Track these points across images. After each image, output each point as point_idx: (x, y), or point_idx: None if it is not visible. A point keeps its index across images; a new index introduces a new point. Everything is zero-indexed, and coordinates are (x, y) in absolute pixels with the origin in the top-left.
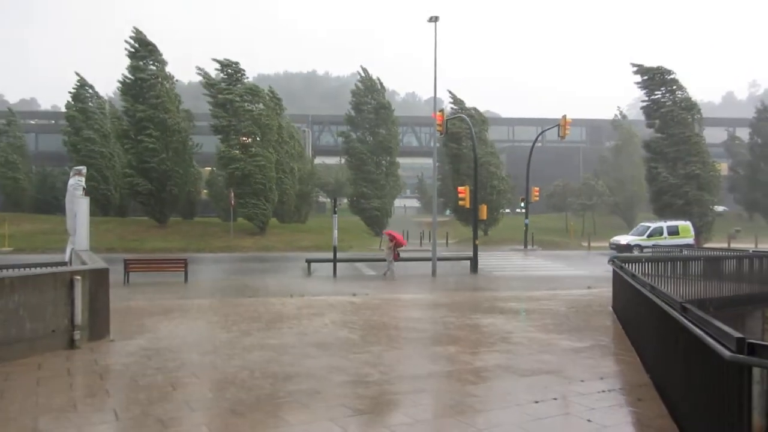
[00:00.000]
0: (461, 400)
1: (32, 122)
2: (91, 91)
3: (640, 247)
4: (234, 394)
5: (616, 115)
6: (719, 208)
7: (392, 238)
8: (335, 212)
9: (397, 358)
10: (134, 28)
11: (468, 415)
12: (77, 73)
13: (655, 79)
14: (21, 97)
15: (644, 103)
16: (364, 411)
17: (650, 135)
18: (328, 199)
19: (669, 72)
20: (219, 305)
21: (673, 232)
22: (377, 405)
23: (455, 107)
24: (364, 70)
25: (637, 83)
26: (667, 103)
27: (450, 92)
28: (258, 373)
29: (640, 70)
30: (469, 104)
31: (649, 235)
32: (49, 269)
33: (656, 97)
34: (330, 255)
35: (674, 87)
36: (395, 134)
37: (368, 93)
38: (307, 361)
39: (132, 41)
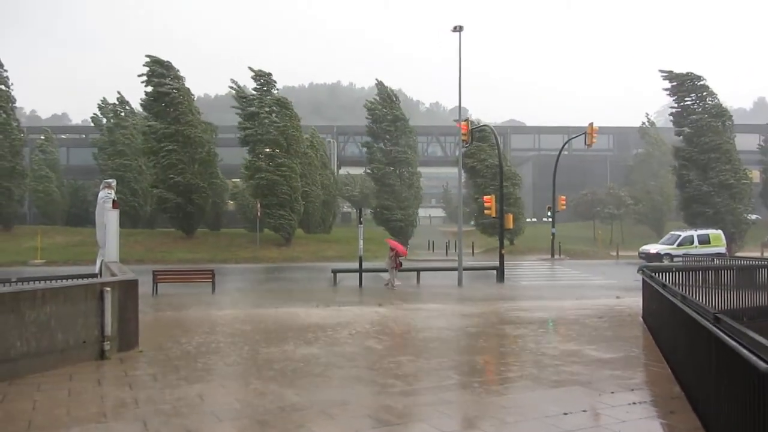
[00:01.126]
0: (488, 411)
1: (63, 137)
2: (121, 108)
3: (671, 257)
4: (261, 405)
5: (644, 123)
6: (752, 216)
7: (393, 248)
8: (360, 223)
9: (423, 368)
10: (147, 55)
11: (495, 426)
12: (119, 92)
13: (684, 85)
14: (53, 113)
15: (673, 110)
16: (389, 422)
17: (679, 142)
18: (353, 210)
19: (699, 78)
20: (245, 316)
21: (704, 241)
22: (403, 416)
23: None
24: (380, 83)
25: (666, 89)
26: (697, 110)
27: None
28: (284, 383)
29: (670, 76)
30: (494, 112)
31: (680, 244)
32: (80, 281)
33: (686, 103)
34: (355, 265)
35: (704, 93)
36: (414, 145)
37: (385, 105)
38: (332, 371)
39: (147, 67)
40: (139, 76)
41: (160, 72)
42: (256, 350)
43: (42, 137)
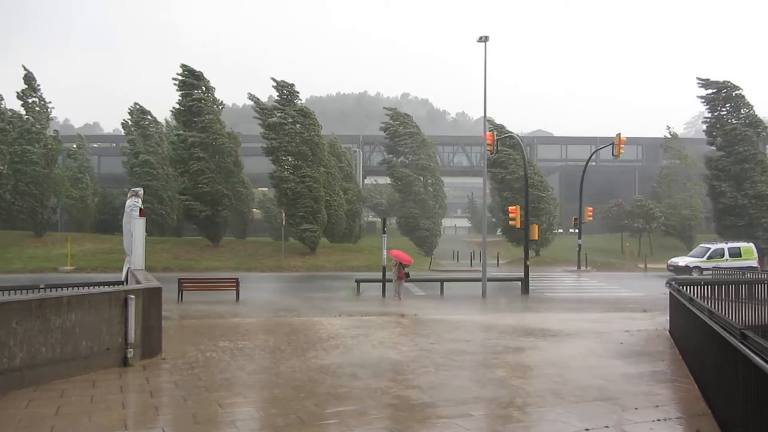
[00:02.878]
0: (508, 425)
1: (95, 145)
2: (149, 117)
3: (700, 269)
4: (280, 414)
5: (666, 136)
6: None
7: (396, 258)
8: (384, 232)
9: (444, 380)
10: (182, 65)
11: None
12: (137, 103)
13: (720, 94)
14: (85, 122)
15: (707, 120)
16: None
17: (711, 153)
18: (379, 219)
19: (735, 87)
20: (268, 324)
21: (735, 254)
22: (422, 428)
23: (496, 133)
24: (391, 109)
25: (701, 98)
26: (731, 120)
27: (489, 120)
28: (304, 393)
29: (706, 83)
30: (521, 122)
31: (710, 257)
32: (105, 289)
33: (720, 113)
34: (379, 275)
35: (740, 104)
36: (433, 155)
37: (401, 124)
38: (353, 381)
39: (180, 76)
40: (175, 85)
41: (191, 82)
42: (277, 359)
43: (74, 145)
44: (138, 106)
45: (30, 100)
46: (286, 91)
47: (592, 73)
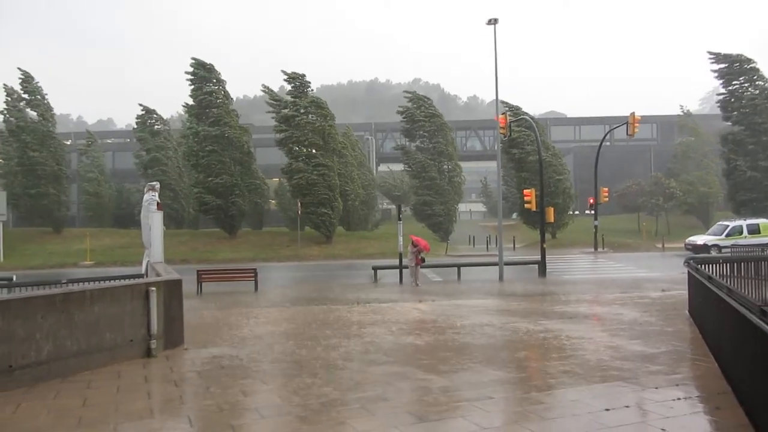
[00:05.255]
0: (529, 407)
1: (109, 141)
2: (155, 115)
3: (718, 248)
4: (302, 401)
5: (680, 114)
6: None
7: (415, 244)
8: (400, 219)
9: (464, 364)
10: (192, 58)
11: (536, 422)
12: (141, 104)
13: (733, 68)
14: (98, 118)
15: (721, 95)
16: (429, 418)
17: (726, 129)
18: (394, 206)
19: (749, 61)
20: (287, 314)
21: (754, 230)
22: (442, 412)
23: (511, 115)
24: (411, 92)
25: (714, 72)
26: (746, 94)
27: (504, 102)
28: (325, 379)
29: (718, 58)
30: (533, 104)
31: (728, 235)
32: (126, 282)
33: (734, 87)
34: (396, 262)
35: (755, 77)
36: (451, 140)
37: (419, 107)
38: (373, 368)
39: (191, 68)
40: (187, 79)
41: (203, 75)
42: (298, 347)
43: (86, 142)
44: (142, 107)
45: (31, 98)
46: (297, 82)
47: (603, 56)
